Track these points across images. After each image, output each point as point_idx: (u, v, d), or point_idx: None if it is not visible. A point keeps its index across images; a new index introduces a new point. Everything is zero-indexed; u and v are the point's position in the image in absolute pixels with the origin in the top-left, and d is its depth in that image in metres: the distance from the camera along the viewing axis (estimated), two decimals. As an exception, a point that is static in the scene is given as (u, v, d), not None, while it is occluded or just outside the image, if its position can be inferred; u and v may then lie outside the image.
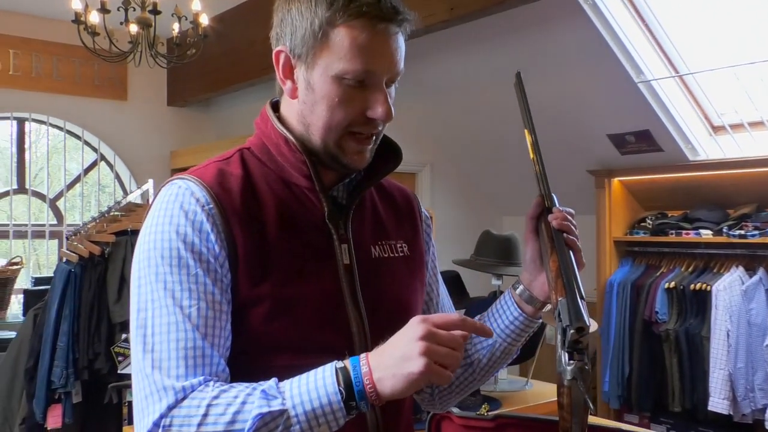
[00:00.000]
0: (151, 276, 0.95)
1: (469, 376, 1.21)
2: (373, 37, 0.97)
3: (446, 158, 5.44)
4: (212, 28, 4.11)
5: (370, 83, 0.99)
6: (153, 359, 0.91)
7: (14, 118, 5.11)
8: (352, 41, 0.96)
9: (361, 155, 1.03)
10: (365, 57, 0.96)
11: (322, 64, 0.98)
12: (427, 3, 3.40)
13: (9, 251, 5.00)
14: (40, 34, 5.02)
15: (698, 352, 3.84)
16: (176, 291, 0.93)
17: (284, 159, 1.05)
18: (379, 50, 0.97)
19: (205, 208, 0.97)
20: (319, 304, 1.00)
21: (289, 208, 1.03)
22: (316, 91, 1.00)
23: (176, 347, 0.91)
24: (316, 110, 1.00)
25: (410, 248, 1.16)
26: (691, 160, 4.07)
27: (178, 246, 0.95)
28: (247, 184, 1.02)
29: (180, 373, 0.90)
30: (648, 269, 4.26)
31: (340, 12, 0.96)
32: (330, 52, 0.97)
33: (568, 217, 1.08)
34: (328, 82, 0.98)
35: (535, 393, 2.72)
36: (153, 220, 0.98)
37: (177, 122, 5.73)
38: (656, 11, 3.65)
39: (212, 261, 0.95)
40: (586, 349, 0.94)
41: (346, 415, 0.88)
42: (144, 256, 0.97)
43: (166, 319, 0.92)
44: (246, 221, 0.98)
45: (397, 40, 1.00)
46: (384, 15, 0.97)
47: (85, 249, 2.93)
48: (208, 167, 1.03)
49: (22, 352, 3.05)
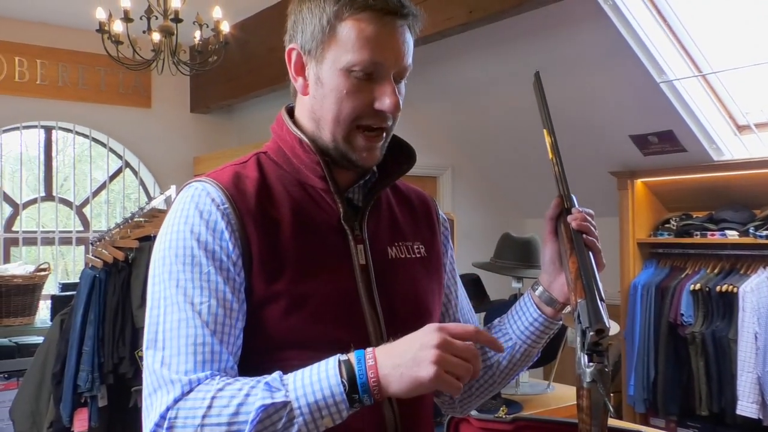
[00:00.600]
0: (164, 275, 0.97)
1: (489, 378, 1.20)
2: (380, 29, 0.98)
3: (467, 161, 5.42)
4: (233, 36, 4.15)
5: (377, 75, 1.00)
6: (163, 356, 0.93)
7: (42, 127, 5.20)
8: (359, 33, 0.98)
9: (371, 152, 1.04)
10: (372, 48, 0.98)
11: (330, 58, 1.00)
12: (446, 7, 3.40)
13: (37, 257, 5.08)
14: (66, 43, 5.11)
15: (725, 355, 3.78)
16: (188, 288, 0.95)
17: (299, 161, 1.06)
18: (385, 42, 0.99)
19: (220, 207, 0.99)
20: (335, 301, 1.01)
21: (304, 209, 1.04)
22: (325, 84, 1.02)
23: (185, 343, 0.93)
24: (325, 104, 1.02)
25: (427, 250, 1.16)
26: (716, 160, 4.02)
27: (192, 245, 0.97)
28: (262, 186, 1.04)
29: (188, 368, 0.92)
30: (673, 271, 4.21)
31: (346, 6, 0.98)
32: (338, 45, 1.00)
33: (587, 218, 1.07)
34: (337, 75, 1.00)
35: (557, 396, 2.70)
36: (170, 220, 1.01)
37: (200, 128, 5.79)
38: (677, 10, 3.62)
39: (225, 260, 0.97)
40: (605, 351, 0.93)
41: (349, 407, 0.88)
42: (159, 255, 0.99)
43: (177, 315, 0.94)
44: (260, 221, 1.00)
45: (404, 34, 1.01)
46: (390, 8, 0.99)
47: (110, 255, 2.97)
48: (225, 170, 1.06)
49: (50, 357, 3.09)
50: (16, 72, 4.96)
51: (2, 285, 4.00)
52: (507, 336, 1.18)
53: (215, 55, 3.90)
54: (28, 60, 4.99)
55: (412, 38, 1.05)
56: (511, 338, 1.18)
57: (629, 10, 3.51)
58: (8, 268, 4.21)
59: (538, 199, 5.21)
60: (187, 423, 0.89)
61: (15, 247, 5.13)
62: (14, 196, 5.14)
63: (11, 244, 5.11)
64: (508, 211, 5.58)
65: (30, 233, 5.15)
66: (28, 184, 5.23)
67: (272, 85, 4.59)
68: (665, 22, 3.67)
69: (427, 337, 0.88)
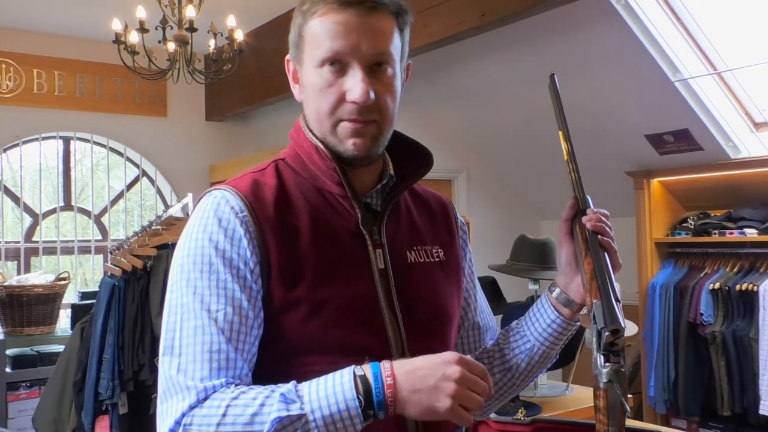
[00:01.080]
0: (182, 282, 0.99)
1: (508, 381, 1.20)
2: (339, 20, 1.00)
3: (482, 164, 5.42)
4: (247, 44, 4.19)
5: (346, 66, 1.01)
6: (179, 362, 0.94)
7: (60, 137, 5.27)
8: (320, 28, 1.01)
9: (359, 139, 1.03)
10: (333, 39, 1.00)
11: (306, 59, 1.05)
12: (458, 10, 3.41)
13: (57, 267, 5.14)
14: (83, 55, 5.17)
15: (747, 354, 3.75)
16: (205, 296, 0.96)
17: (316, 167, 1.07)
18: (347, 31, 1.00)
19: (239, 215, 1.00)
20: (354, 307, 1.02)
21: (322, 215, 1.05)
22: (306, 85, 1.06)
23: (201, 350, 0.94)
24: (309, 104, 1.06)
25: (446, 254, 1.16)
26: (733, 158, 3.99)
27: (210, 252, 0.98)
28: (280, 193, 1.05)
29: (204, 375, 0.92)
30: (691, 270, 4.18)
31: (310, 8, 1.02)
32: (309, 45, 1.04)
33: (602, 219, 1.07)
34: (312, 73, 1.03)
35: (576, 398, 2.69)
36: (189, 228, 1.03)
37: (215, 136, 5.83)
38: (691, 8, 3.60)
39: (242, 267, 0.97)
40: (621, 351, 0.93)
41: (363, 421, 0.89)
42: (178, 262, 1.01)
43: (193, 323, 0.95)
44: (279, 228, 1.01)
45: (371, 21, 1.01)
46: (347, 3, 1.00)
47: (128, 263, 3.00)
48: (244, 178, 1.07)
49: (71, 365, 3.13)
50: (34, 84, 5.03)
51: (23, 294, 4.06)
52: (525, 338, 1.18)
53: (230, 63, 3.93)
54: (46, 72, 5.06)
55: (397, 27, 1.04)
56: (529, 340, 1.18)
57: (642, 9, 3.49)
58: (29, 278, 4.26)
59: (553, 200, 5.19)
60: (202, 430, 0.90)
61: (35, 257, 5.19)
62: (34, 206, 5.20)
63: (31, 253, 5.17)
64: (523, 213, 5.56)
65: (50, 243, 5.21)
66: (47, 195, 5.30)
67: (286, 92, 4.57)
68: (679, 20, 3.65)
69: (449, 369, 0.89)
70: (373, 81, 1.01)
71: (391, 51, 1.03)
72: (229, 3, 4.18)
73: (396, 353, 1.03)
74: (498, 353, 1.21)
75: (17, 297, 4.05)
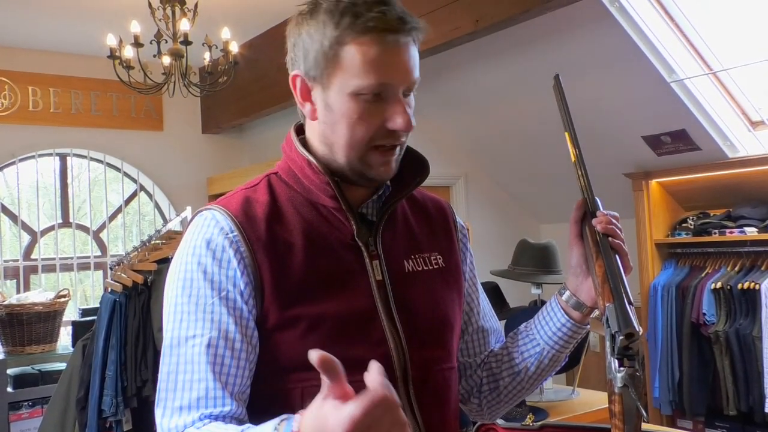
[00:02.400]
0: (170, 308, 1.00)
1: (517, 385, 1.20)
2: (384, 50, 0.97)
3: (480, 169, 5.42)
4: (242, 55, 4.19)
5: (386, 96, 0.99)
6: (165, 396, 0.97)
7: (56, 154, 5.26)
8: (363, 57, 0.97)
9: (387, 166, 1.04)
10: (378, 71, 0.97)
11: (337, 83, 0.99)
12: (452, 16, 3.41)
13: (56, 284, 5.12)
14: (78, 71, 5.16)
15: (751, 353, 3.74)
16: (190, 321, 0.97)
17: (309, 181, 1.06)
18: (390, 62, 0.98)
19: (228, 236, 0.99)
20: (353, 320, 1.01)
21: (316, 229, 1.04)
22: (335, 110, 1.00)
23: (183, 379, 0.95)
24: (337, 129, 1.01)
25: (445, 260, 1.15)
26: (731, 157, 3.99)
27: (198, 277, 0.98)
28: (272, 209, 1.04)
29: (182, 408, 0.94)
30: (692, 270, 4.17)
31: (347, 30, 0.97)
32: (343, 70, 0.98)
33: (612, 221, 1.06)
34: (346, 100, 0.99)
35: (582, 402, 2.68)
36: (179, 251, 1.03)
37: (212, 149, 5.83)
38: (684, 9, 3.61)
39: (231, 290, 0.97)
40: (636, 355, 0.92)
41: None
42: (168, 287, 1.02)
43: (176, 350, 0.97)
44: (270, 247, 1.00)
45: (408, 50, 1.00)
46: (391, 27, 0.97)
47: (129, 278, 2.98)
48: (235, 195, 1.06)
49: (73, 383, 3.11)
50: (30, 101, 5.02)
51: (23, 313, 4.03)
52: (534, 341, 1.17)
53: (225, 76, 3.93)
54: (41, 89, 5.05)
55: (417, 50, 1.04)
56: (538, 344, 1.17)
57: (636, 11, 3.50)
58: (29, 296, 4.24)
59: (552, 204, 5.19)
60: None
61: (34, 275, 5.17)
62: (32, 224, 5.18)
63: (31, 271, 5.15)
64: (523, 217, 5.56)
65: (48, 260, 5.19)
66: (45, 212, 5.28)
67: (282, 103, 4.62)
68: (673, 21, 3.65)
69: None
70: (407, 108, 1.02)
71: (419, 77, 1.04)
72: (223, 15, 4.18)
73: (398, 365, 1.02)
74: (507, 356, 1.20)
75: (17, 316, 4.03)
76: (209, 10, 3.97)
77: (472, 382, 1.23)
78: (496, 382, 1.21)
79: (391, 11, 0.97)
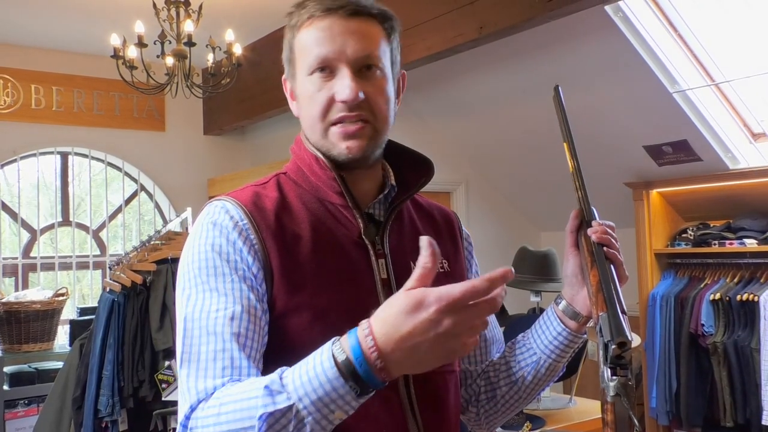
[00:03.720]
0: (190, 288, 0.99)
1: (514, 394, 1.20)
2: (323, 27, 1.03)
3: (481, 176, 5.43)
4: (245, 57, 4.19)
5: (333, 70, 1.03)
6: (189, 365, 0.95)
7: (58, 153, 5.26)
8: (308, 38, 1.04)
9: (351, 142, 1.03)
10: (319, 46, 1.03)
11: (298, 71, 1.07)
12: (456, 23, 3.42)
13: (55, 282, 5.12)
14: (81, 70, 5.17)
15: (749, 365, 3.74)
16: (213, 297, 0.97)
17: (317, 178, 1.08)
18: (331, 36, 1.03)
19: (238, 224, 1.00)
20: (356, 315, 1.00)
21: (324, 224, 1.05)
22: (299, 95, 1.08)
23: (206, 350, 0.94)
24: (302, 114, 1.08)
25: (451, 265, 1.16)
26: (732, 168, 4.00)
27: (213, 257, 0.99)
28: (281, 203, 1.05)
29: (208, 375, 0.93)
30: (691, 281, 4.17)
31: (298, 22, 1.06)
32: (299, 58, 1.07)
33: (607, 230, 1.06)
34: (304, 83, 1.06)
35: (580, 410, 2.68)
36: (190, 239, 1.04)
37: (213, 150, 5.84)
38: (688, 20, 3.62)
39: (246, 269, 0.98)
40: (629, 364, 0.92)
41: (357, 396, 0.82)
42: (183, 271, 1.02)
43: (198, 323, 0.96)
44: (280, 235, 1.01)
45: (355, 25, 1.03)
46: (329, 7, 1.03)
47: (128, 278, 2.99)
48: (245, 189, 1.08)
49: (70, 382, 3.11)
50: (32, 99, 5.03)
51: (21, 311, 4.04)
52: (531, 351, 1.18)
53: (228, 78, 3.93)
54: (44, 87, 5.06)
55: (384, 33, 1.07)
56: (535, 353, 1.17)
57: (639, 21, 3.51)
58: (27, 294, 4.25)
59: (552, 212, 5.19)
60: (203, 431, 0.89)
61: (33, 273, 5.17)
62: (32, 222, 5.19)
63: (29, 269, 5.15)
64: (523, 225, 5.56)
65: (48, 258, 5.19)
66: (45, 210, 5.29)
67: (284, 106, 4.59)
68: (676, 32, 3.66)
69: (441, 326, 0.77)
70: (363, 83, 1.03)
71: (379, 54, 1.05)
72: (227, 17, 4.19)
73: None
74: (504, 366, 1.21)
75: (15, 314, 4.03)
76: (213, 11, 3.98)
77: (471, 391, 1.24)
78: (494, 392, 1.22)
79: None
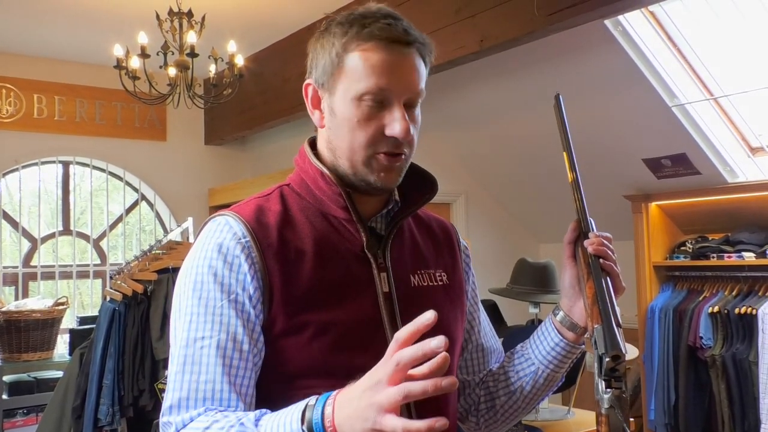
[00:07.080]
0: (180, 310, 1.01)
1: (513, 404, 1.21)
2: (386, 57, 1.01)
3: (480, 188, 5.44)
4: (247, 68, 4.22)
5: (387, 102, 1.02)
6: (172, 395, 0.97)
7: (59, 162, 5.28)
8: (366, 62, 1.01)
9: (388, 174, 1.05)
10: (379, 75, 1.01)
11: (341, 89, 1.04)
12: (457, 36, 3.44)
13: (55, 291, 5.13)
14: (84, 80, 5.20)
15: (747, 378, 3.74)
16: (199, 323, 0.98)
17: (322, 192, 1.08)
18: (391, 69, 1.01)
19: (241, 241, 1.01)
20: (358, 329, 1.02)
21: (327, 238, 1.06)
22: (338, 115, 1.05)
23: (189, 379, 0.96)
24: (339, 133, 1.05)
25: (449, 277, 1.17)
26: (730, 182, 4.01)
27: (208, 280, 1.00)
28: (284, 217, 1.06)
29: (189, 405, 0.95)
30: (690, 294, 4.18)
31: (353, 38, 1.02)
32: (347, 76, 1.03)
33: (604, 242, 1.07)
34: (348, 104, 1.03)
35: (577, 421, 2.68)
36: (191, 255, 1.05)
37: (214, 160, 5.86)
38: (687, 35, 3.64)
39: (240, 293, 0.99)
40: (623, 376, 0.93)
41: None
42: (178, 290, 1.03)
43: (183, 351, 0.98)
44: (282, 253, 1.02)
45: (411, 61, 1.04)
46: (394, 36, 1.01)
47: (128, 287, 3.00)
48: (249, 203, 1.09)
49: (69, 391, 3.11)
50: (35, 109, 5.05)
51: (21, 320, 4.04)
52: (529, 361, 1.19)
53: (230, 88, 3.95)
54: (46, 97, 5.09)
55: (425, 65, 1.07)
56: (533, 363, 1.18)
57: (639, 36, 3.54)
58: (27, 303, 4.25)
59: (552, 224, 5.20)
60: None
61: (33, 282, 5.18)
62: (32, 230, 5.20)
63: (30, 278, 5.16)
64: (522, 236, 5.57)
65: (48, 267, 5.20)
66: (46, 219, 5.30)
67: (286, 116, 4.65)
68: (675, 47, 3.69)
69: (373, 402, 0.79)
70: (409, 119, 1.04)
71: (423, 88, 1.06)
72: (229, 28, 4.22)
73: None
74: (503, 375, 1.22)
75: (15, 322, 4.03)
76: (216, 22, 4.01)
77: (471, 400, 1.25)
78: (493, 401, 1.23)
79: (397, 24, 1.02)
